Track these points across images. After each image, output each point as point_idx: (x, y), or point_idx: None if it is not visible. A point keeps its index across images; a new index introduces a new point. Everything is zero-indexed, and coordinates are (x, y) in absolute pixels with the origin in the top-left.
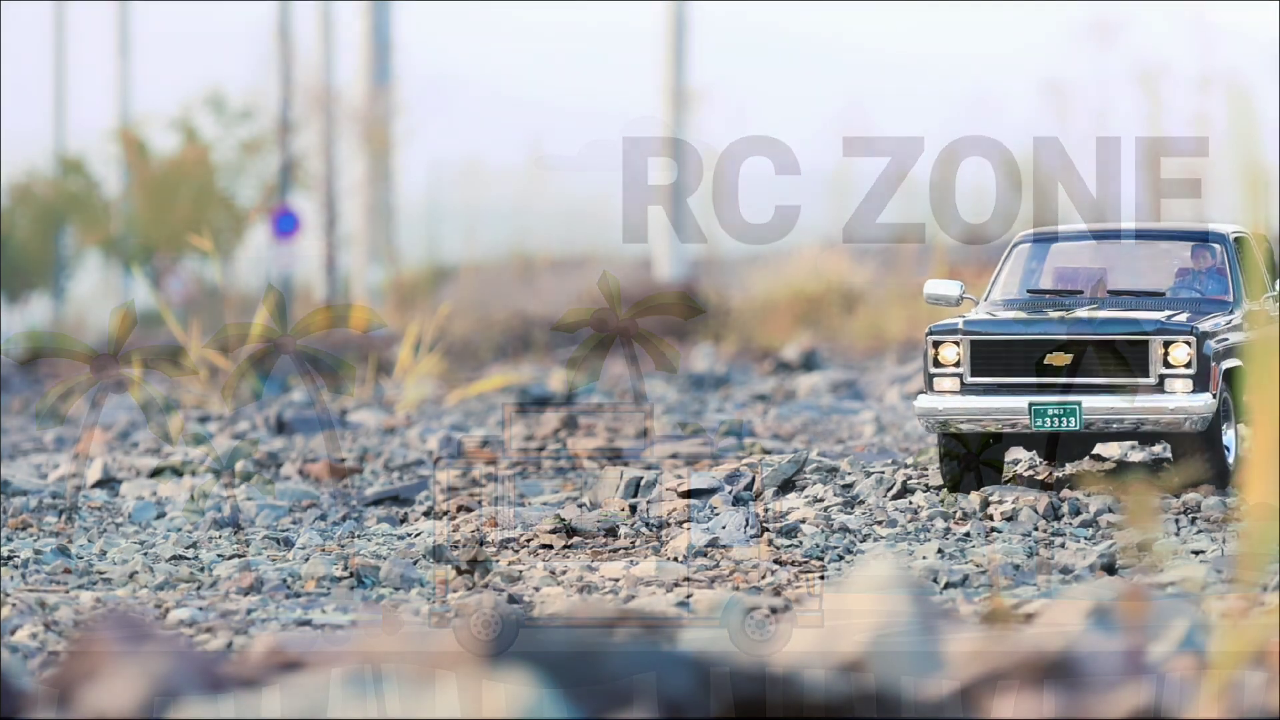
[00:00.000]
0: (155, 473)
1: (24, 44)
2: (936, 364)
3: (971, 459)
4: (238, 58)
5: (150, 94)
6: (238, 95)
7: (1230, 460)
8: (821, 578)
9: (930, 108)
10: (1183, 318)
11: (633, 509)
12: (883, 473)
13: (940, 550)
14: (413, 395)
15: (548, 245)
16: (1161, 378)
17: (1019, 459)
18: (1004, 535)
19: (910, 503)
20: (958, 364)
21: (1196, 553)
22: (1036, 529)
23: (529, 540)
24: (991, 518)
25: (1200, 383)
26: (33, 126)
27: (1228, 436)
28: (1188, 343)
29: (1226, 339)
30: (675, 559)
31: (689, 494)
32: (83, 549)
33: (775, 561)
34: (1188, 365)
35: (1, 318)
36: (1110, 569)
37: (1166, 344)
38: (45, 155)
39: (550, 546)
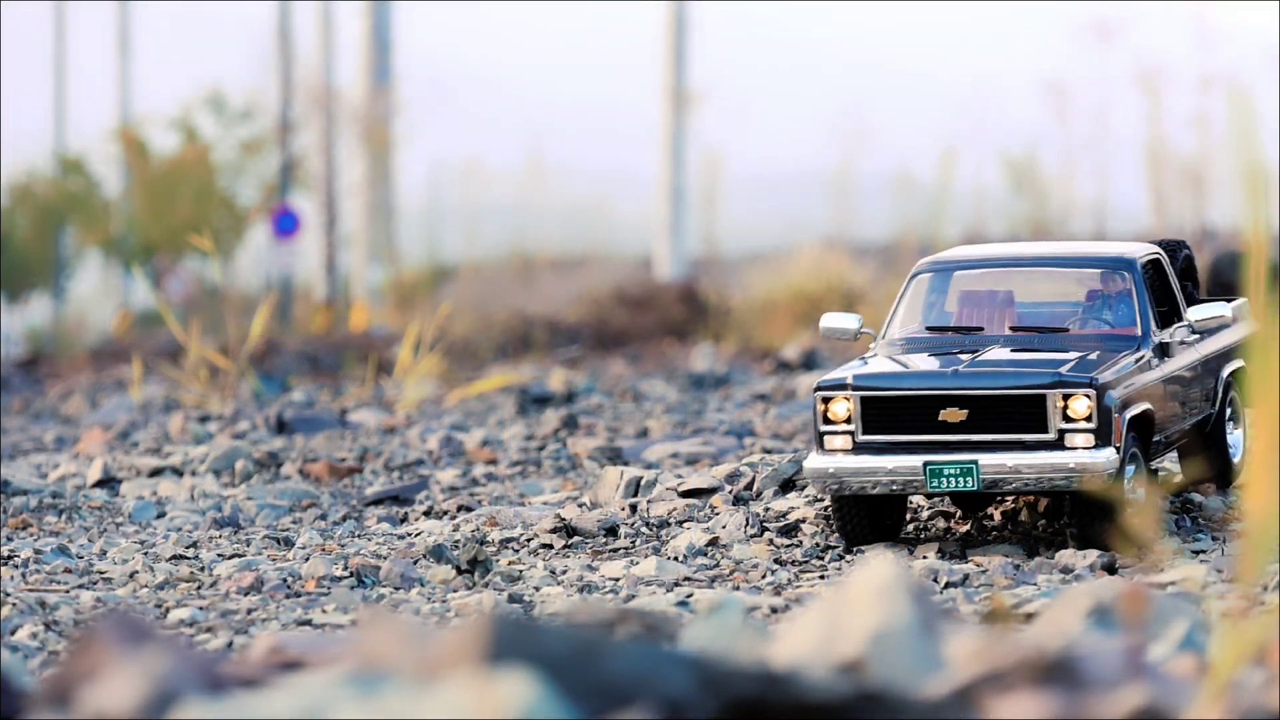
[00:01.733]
0: (155, 473)
1: (24, 44)
2: (826, 421)
3: (868, 518)
4: (238, 58)
5: (150, 94)
6: (238, 95)
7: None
8: (821, 577)
9: (930, 107)
10: (1087, 363)
11: (633, 509)
12: None
13: (940, 550)
14: (413, 395)
15: (548, 245)
16: (1061, 433)
17: None
18: (1004, 535)
19: (910, 502)
20: (849, 421)
21: (1196, 553)
22: (1036, 529)
23: (529, 540)
24: (992, 517)
25: (1102, 437)
26: (33, 126)
27: (1139, 492)
28: (1088, 395)
29: (1132, 383)
30: (675, 559)
31: (689, 494)
32: (83, 549)
33: (775, 561)
34: (1088, 419)
35: (1, 318)
36: (1110, 569)
37: (1066, 396)
38: (45, 155)
39: (550, 546)
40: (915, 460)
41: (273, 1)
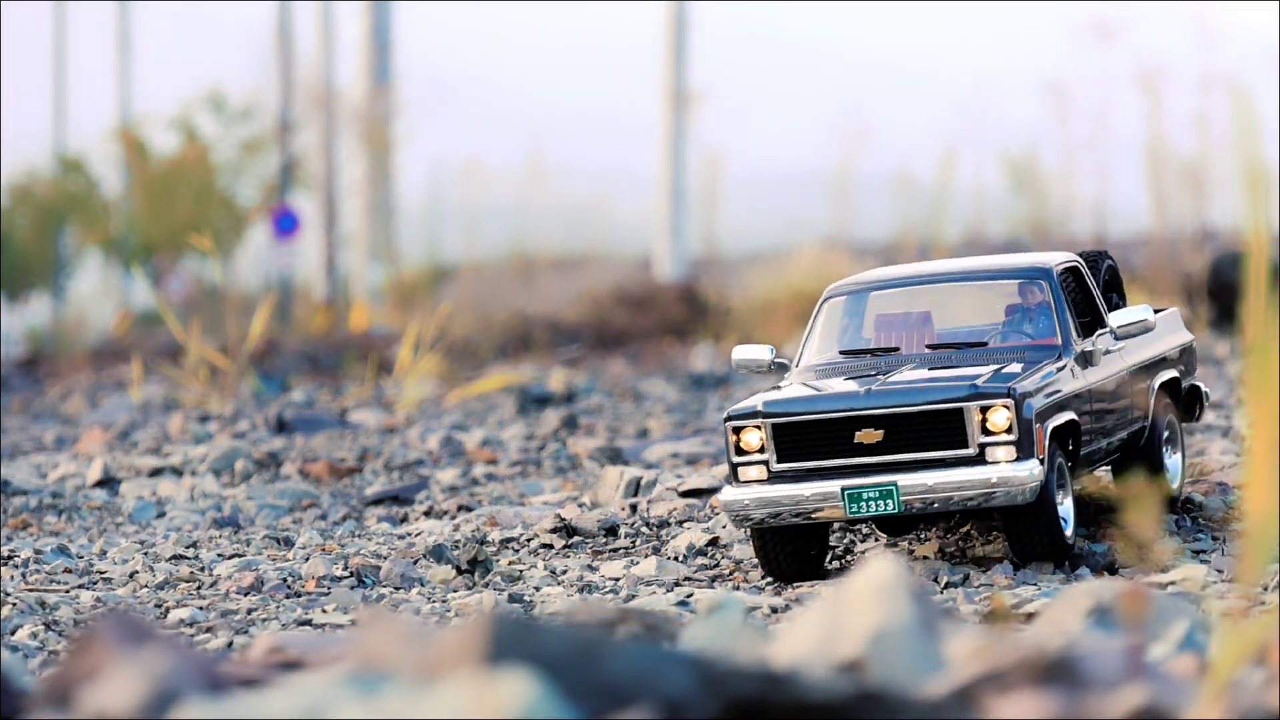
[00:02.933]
0: (155, 473)
1: (24, 44)
2: (739, 452)
3: (793, 551)
4: (238, 58)
5: (150, 94)
6: (238, 95)
7: (1069, 530)
8: (822, 577)
9: (930, 107)
10: (1004, 374)
11: (633, 509)
12: None
13: (940, 550)
14: (413, 395)
15: (548, 245)
16: (981, 447)
17: None
18: (1005, 535)
19: None
20: (762, 450)
21: (1196, 553)
22: None
23: (529, 540)
24: (993, 517)
25: (1025, 448)
26: (33, 126)
27: (1065, 502)
28: (1006, 406)
29: (1058, 391)
30: (675, 559)
31: (689, 494)
32: (83, 549)
33: None
34: (1009, 430)
35: (2, 318)
36: (1110, 569)
37: (984, 409)
38: (45, 155)
39: (550, 546)
40: (833, 485)
41: (273, 1)
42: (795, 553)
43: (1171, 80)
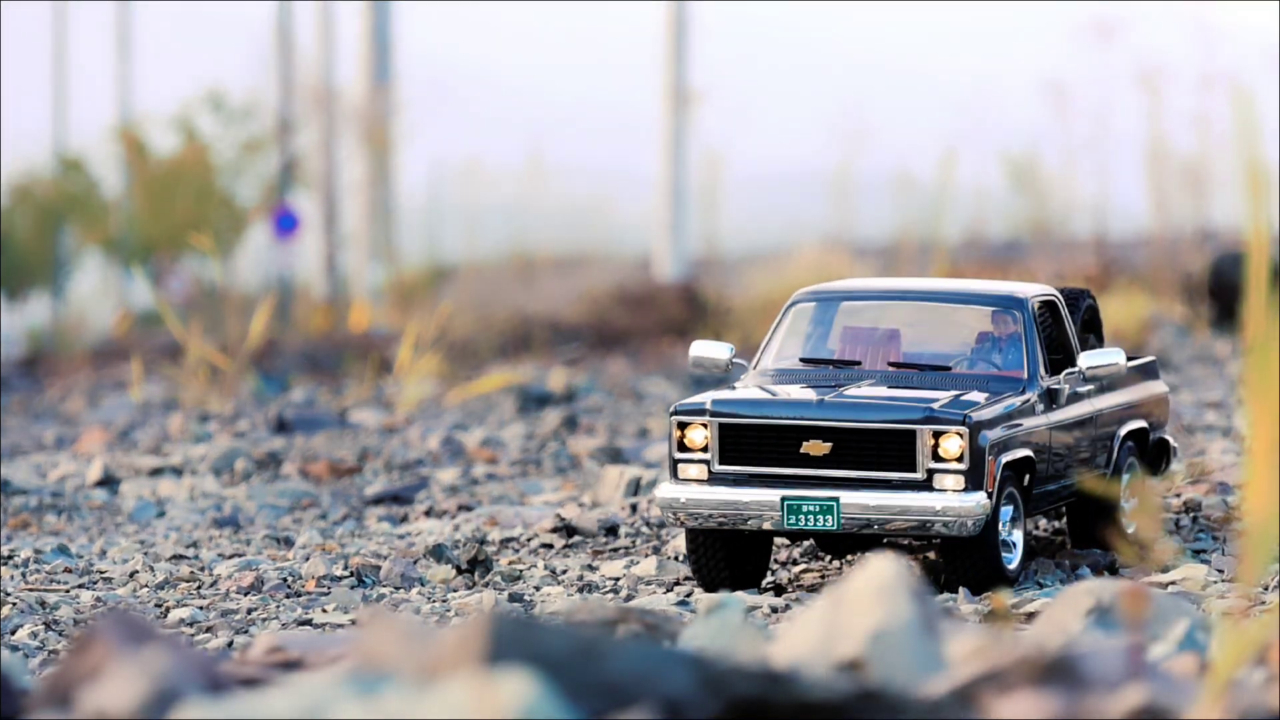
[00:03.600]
0: (155, 472)
1: (24, 44)
2: (682, 448)
3: (725, 558)
4: (238, 58)
5: (150, 94)
6: (238, 95)
7: (1013, 565)
8: (822, 577)
9: (930, 107)
10: (962, 401)
11: (633, 508)
12: None
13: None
14: (413, 394)
15: (548, 245)
16: (930, 473)
17: None
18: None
19: None
20: (705, 449)
21: (1197, 553)
22: (1037, 529)
23: (529, 540)
24: None
25: (974, 480)
26: (33, 126)
27: (1014, 536)
28: (959, 434)
29: (1017, 425)
30: (675, 558)
31: None
32: (83, 549)
33: (775, 561)
34: (959, 459)
35: (2, 317)
36: (1110, 569)
37: (936, 434)
38: (45, 155)
39: (550, 546)
40: (773, 494)
41: (273, 1)
42: (730, 561)
43: (1171, 80)
